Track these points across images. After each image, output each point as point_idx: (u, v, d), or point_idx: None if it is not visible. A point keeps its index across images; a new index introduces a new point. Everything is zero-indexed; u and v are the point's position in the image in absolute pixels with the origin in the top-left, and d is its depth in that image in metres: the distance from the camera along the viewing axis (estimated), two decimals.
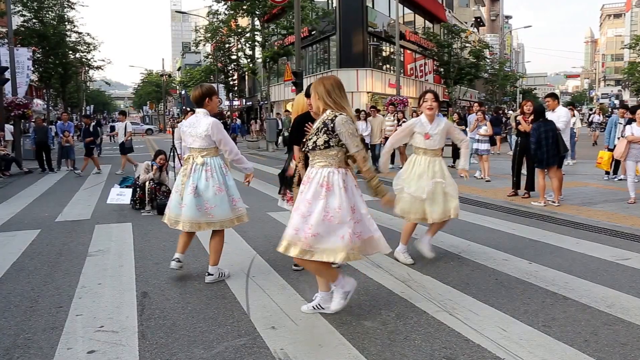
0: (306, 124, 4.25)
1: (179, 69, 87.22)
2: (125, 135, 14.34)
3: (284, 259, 4.66)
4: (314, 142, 3.55)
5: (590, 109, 56.98)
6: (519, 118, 9.42)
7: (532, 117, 8.58)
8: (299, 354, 3.21)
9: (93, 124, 14.69)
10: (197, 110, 4.65)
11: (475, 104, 12.98)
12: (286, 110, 26.31)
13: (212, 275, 4.67)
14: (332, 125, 3.48)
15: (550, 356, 3.14)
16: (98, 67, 35.82)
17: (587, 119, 38.78)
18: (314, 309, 3.86)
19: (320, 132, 3.53)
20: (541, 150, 8.06)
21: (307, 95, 4.68)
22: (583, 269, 4.94)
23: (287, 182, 5.06)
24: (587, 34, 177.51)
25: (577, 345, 3.28)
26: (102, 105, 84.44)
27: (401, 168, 5.50)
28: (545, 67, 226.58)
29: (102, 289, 4.50)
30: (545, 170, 8.26)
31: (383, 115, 15.74)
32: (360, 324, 3.66)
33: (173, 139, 10.12)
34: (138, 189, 8.33)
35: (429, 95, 5.18)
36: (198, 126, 4.55)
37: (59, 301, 4.21)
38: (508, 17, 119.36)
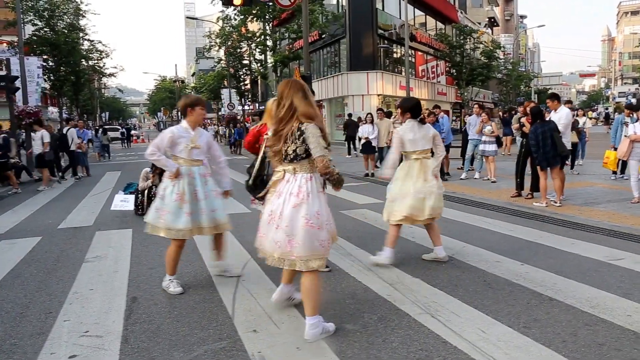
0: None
1: (193, 75, 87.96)
2: (42, 147, 13.11)
3: None
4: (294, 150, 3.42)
5: (606, 108, 56.20)
6: (523, 120, 9.37)
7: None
8: (275, 357, 3.24)
9: (4, 135, 13.28)
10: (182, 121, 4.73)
11: (476, 105, 12.86)
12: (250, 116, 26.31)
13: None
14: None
15: (525, 357, 3.14)
16: (111, 75, 36.37)
17: (604, 118, 38.22)
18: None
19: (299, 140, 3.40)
20: (540, 151, 8.02)
21: None
22: (574, 270, 4.90)
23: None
24: (604, 32, 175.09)
25: (554, 346, 3.26)
26: (118, 112, 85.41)
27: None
28: (561, 66, 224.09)
29: (93, 295, 4.58)
30: (548, 170, 8.21)
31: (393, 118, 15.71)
32: (342, 327, 3.68)
33: None
34: (140, 195, 8.44)
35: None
36: None
37: (49, 307, 4.30)
38: (523, 17, 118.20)
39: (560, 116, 8.66)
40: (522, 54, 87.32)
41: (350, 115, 25.08)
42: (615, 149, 10.22)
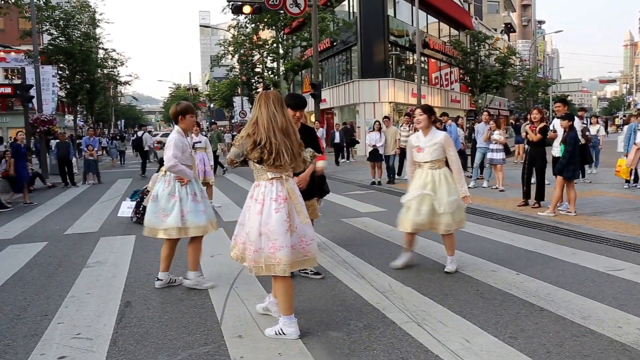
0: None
1: (207, 83, 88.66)
2: None
3: None
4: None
5: (624, 115, 55.39)
6: (527, 128, 9.29)
7: (565, 122, 8.27)
8: None
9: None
10: (175, 127, 4.84)
11: (484, 113, 12.78)
12: (214, 123, 26.43)
13: (161, 280, 4.93)
14: None
15: None
16: (125, 83, 36.87)
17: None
18: (277, 334, 3.67)
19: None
20: (575, 160, 7.89)
21: (296, 107, 4.75)
22: (570, 280, 4.85)
23: None
24: (626, 37, 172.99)
25: (537, 357, 3.24)
26: (133, 120, 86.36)
27: None
28: (581, 72, 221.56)
29: (89, 299, 4.66)
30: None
31: (399, 126, 15.71)
32: (326, 334, 3.70)
33: None
34: (143, 202, 8.49)
35: (417, 111, 5.36)
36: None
37: (46, 310, 4.40)
38: (541, 22, 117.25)
39: None
40: (540, 60, 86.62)
41: (344, 123, 25.49)
42: None
